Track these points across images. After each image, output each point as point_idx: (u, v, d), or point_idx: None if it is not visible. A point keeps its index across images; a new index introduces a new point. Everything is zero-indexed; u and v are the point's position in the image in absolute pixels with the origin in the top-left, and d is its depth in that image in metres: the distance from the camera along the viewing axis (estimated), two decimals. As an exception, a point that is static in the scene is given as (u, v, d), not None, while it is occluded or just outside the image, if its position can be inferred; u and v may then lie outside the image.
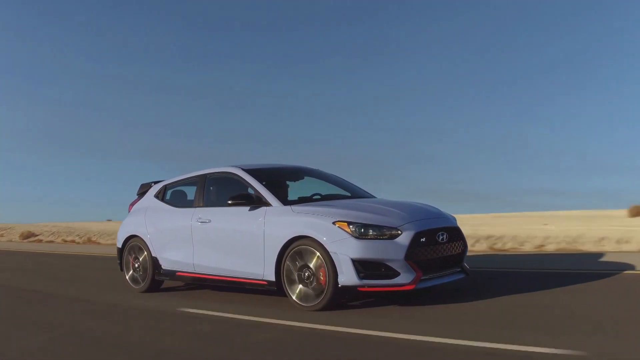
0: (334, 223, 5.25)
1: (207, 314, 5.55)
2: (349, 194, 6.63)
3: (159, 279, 7.02)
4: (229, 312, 5.56)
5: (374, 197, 6.74)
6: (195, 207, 6.56)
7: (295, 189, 6.67)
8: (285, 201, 5.88)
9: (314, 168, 7.11)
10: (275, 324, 4.93)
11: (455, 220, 5.97)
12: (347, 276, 5.09)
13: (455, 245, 5.63)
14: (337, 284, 5.14)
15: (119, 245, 7.49)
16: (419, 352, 3.84)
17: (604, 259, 8.39)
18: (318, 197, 6.38)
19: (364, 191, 6.85)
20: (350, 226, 5.19)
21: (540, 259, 8.96)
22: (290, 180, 6.68)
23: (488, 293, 5.70)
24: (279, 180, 6.51)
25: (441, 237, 5.45)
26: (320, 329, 4.59)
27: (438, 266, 5.42)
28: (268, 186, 6.03)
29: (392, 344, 4.04)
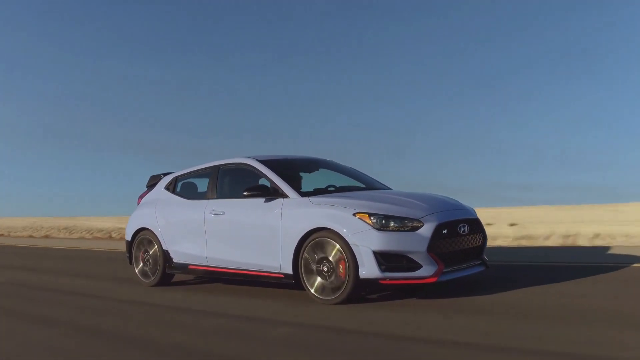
0: (354, 214, 5.14)
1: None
2: (363, 186, 6.52)
3: (170, 273, 6.89)
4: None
5: (390, 188, 6.63)
6: (209, 199, 6.43)
7: (308, 181, 6.55)
8: (301, 192, 5.76)
9: (329, 159, 6.99)
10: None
11: (475, 211, 5.87)
12: (369, 269, 4.99)
13: (475, 237, 5.53)
14: (358, 276, 5.03)
15: (128, 238, 7.35)
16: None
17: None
18: (332, 188, 6.26)
19: (380, 183, 6.74)
20: (372, 218, 5.08)
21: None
22: (304, 172, 6.55)
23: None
24: (292, 172, 6.38)
25: (462, 229, 5.35)
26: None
27: (459, 259, 5.33)
28: (284, 177, 5.91)
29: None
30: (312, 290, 5.32)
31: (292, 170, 6.36)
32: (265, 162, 6.15)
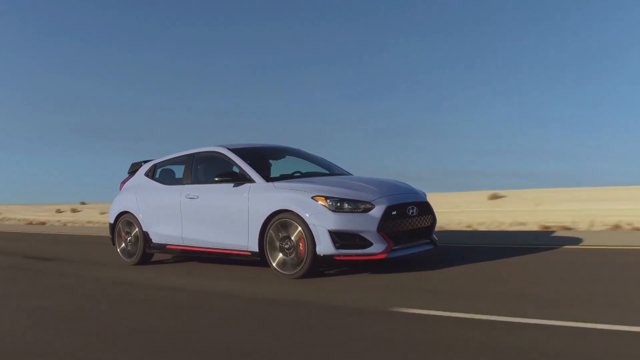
0: (312, 198, 5.72)
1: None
2: (327, 172, 7.09)
3: (149, 252, 7.46)
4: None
5: (351, 174, 7.21)
6: (184, 184, 6.99)
7: (277, 167, 7.11)
8: (267, 178, 6.33)
9: (296, 148, 7.57)
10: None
11: (425, 195, 6.47)
12: (325, 246, 5.58)
13: (424, 218, 6.13)
14: (316, 253, 5.62)
15: (111, 221, 7.90)
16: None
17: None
18: (298, 174, 6.84)
19: (342, 169, 7.33)
20: (328, 200, 5.66)
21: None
22: (273, 159, 7.12)
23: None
24: (262, 159, 6.93)
25: (411, 211, 5.95)
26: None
27: (408, 237, 5.92)
28: (252, 164, 6.47)
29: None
30: (274, 264, 5.91)
31: (261, 157, 6.93)
32: (235, 150, 6.71)
